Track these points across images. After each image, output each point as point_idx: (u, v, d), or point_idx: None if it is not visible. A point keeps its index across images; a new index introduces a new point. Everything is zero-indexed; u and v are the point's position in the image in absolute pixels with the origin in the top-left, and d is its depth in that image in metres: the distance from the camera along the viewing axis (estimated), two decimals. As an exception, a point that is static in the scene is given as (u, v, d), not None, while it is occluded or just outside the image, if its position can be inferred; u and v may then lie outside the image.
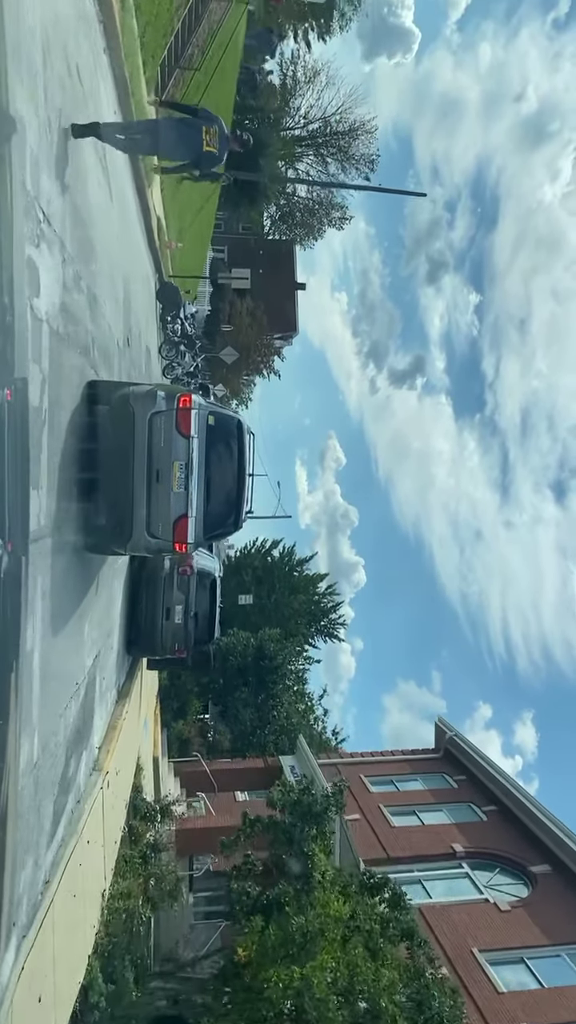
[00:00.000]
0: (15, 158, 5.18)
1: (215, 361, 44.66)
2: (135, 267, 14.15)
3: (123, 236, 12.04)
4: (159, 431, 8.23)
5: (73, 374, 7.42)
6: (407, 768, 26.58)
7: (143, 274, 16.61)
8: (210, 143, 9.37)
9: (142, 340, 15.57)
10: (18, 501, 4.90)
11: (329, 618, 53.86)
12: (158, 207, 19.08)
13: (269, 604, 48.40)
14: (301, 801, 11.91)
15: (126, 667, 13.32)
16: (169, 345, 22.34)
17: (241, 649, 22.00)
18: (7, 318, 4.80)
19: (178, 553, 12.17)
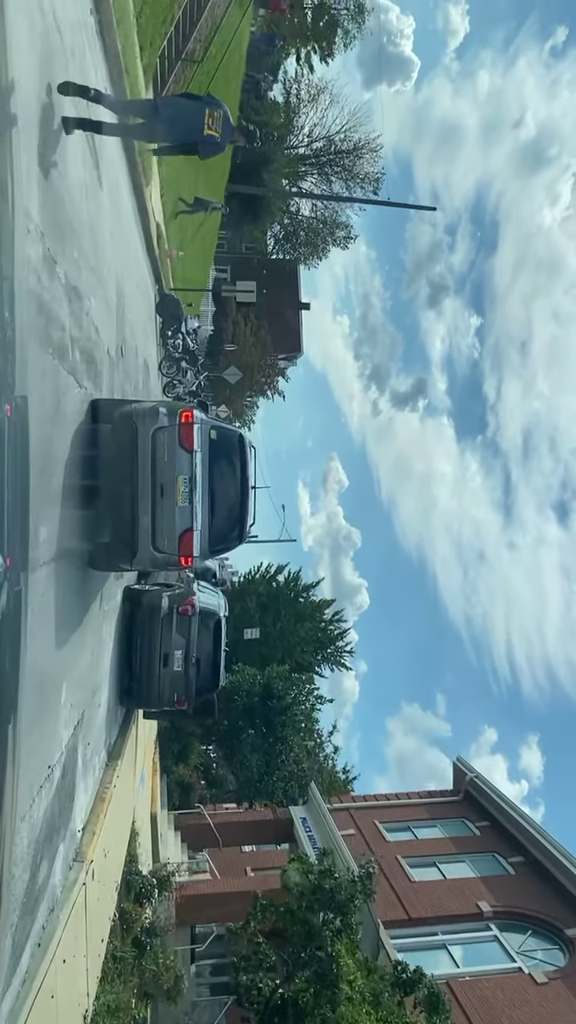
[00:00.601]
0: None
1: (218, 381, 43.39)
2: (130, 270, 12.74)
3: (116, 232, 10.61)
4: (162, 446, 8.20)
5: (44, 380, 5.92)
6: (425, 813, 24.78)
7: (140, 281, 15.21)
8: (212, 126, 8.08)
9: (139, 353, 14.14)
10: (18, 517, 4.84)
11: (336, 646, 52.14)
12: (157, 213, 17.73)
13: (274, 632, 46.73)
14: (322, 887, 10.24)
15: (119, 720, 11.71)
16: (170, 361, 20.92)
17: (247, 688, 20.34)
18: (7, 333, 4.63)
19: (179, 595, 10.84)
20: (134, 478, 8.07)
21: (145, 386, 15.80)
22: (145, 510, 8.11)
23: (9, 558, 4.55)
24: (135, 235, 13.71)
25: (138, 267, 14.59)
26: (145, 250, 16.10)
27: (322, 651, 49.51)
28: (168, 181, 19.62)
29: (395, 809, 25.00)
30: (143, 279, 16.14)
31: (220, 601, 12.87)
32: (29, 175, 5.41)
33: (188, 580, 13.07)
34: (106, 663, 10.14)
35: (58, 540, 6.66)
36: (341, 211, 60.50)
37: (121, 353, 11.25)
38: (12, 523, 4.60)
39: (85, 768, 8.50)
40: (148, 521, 8.14)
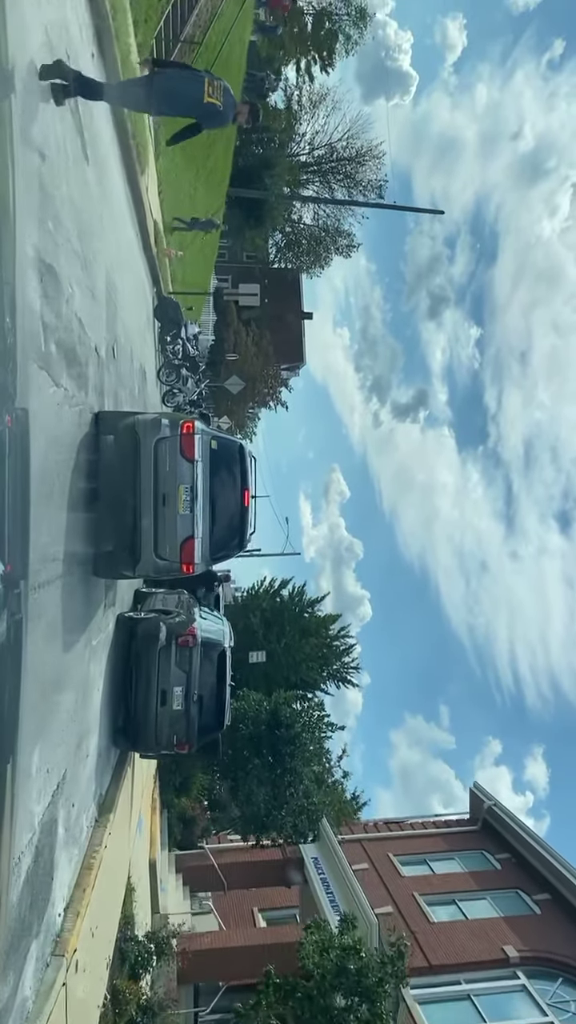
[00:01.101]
0: None
1: (219, 391, 42.29)
2: (123, 263, 11.57)
3: (106, 218, 9.44)
4: (164, 456, 8.36)
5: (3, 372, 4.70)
6: (441, 844, 23.39)
7: (136, 279, 14.04)
8: (213, 95, 7.43)
9: (134, 357, 12.95)
10: (18, 525, 4.83)
11: (342, 662, 50.86)
12: (155, 209, 16.60)
13: (279, 649, 45.45)
14: (346, 968, 8.91)
15: (112, 763, 10.44)
16: (169, 369, 19.75)
17: (253, 715, 19.02)
18: (8, 340, 4.60)
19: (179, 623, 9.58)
20: (137, 487, 8.24)
21: (142, 393, 14.62)
22: (147, 518, 8.27)
23: (10, 564, 4.54)
24: (129, 226, 12.56)
25: (133, 263, 13.44)
26: (141, 246, 14.95)
27: (327, 667, 48.24)
28: (167, 180, 18.53)
29: (410, 840, 23.62)
30: (139, 278, 14.98)
31: (224, 629, 11.61)
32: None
33: (188, 606, 11.83)
34: (95, 704, 8.88)
35: (43, 562, 5.49)
36: (343, 219, 59.75)
37: (113, 354, 10.06)
38: (13, 532, 4.62)
39: (68, 836, 7.24)
40: (150, 529, 8.29)
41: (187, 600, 12.12)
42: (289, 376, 59.90)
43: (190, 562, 8.61)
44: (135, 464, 8.25)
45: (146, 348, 16.07)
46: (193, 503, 8.52)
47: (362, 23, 55.38)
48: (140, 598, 12.97)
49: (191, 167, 20.92)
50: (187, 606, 11.78)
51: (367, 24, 55.49)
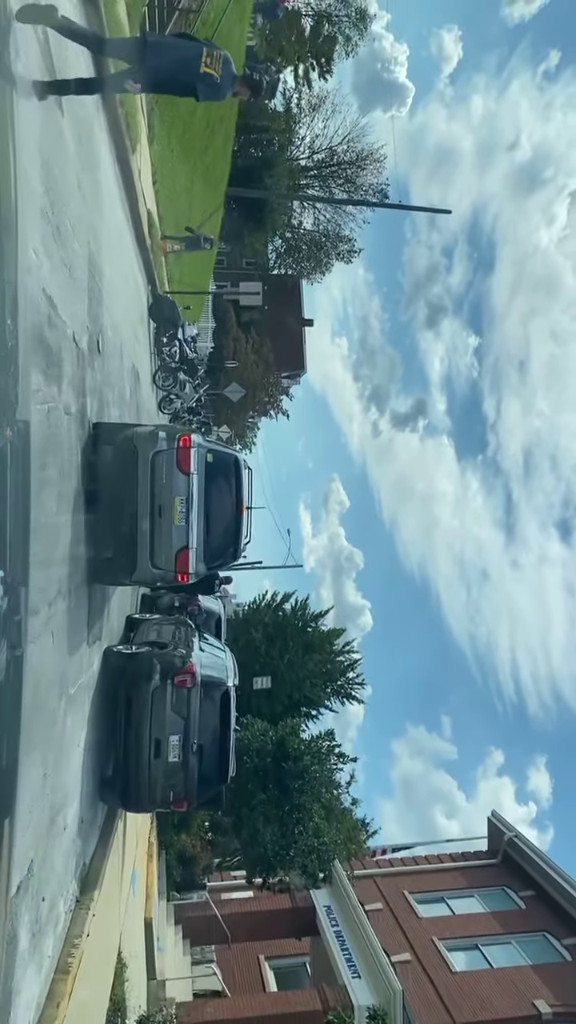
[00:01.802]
0: None
1: (219, 399, 40.97)
2: (111, 245, 10.19)
3: (86, 186, 8.06)
4: (161, 469, 8.55)
5: None
6: (460, 880, 21.87)
7: (127, 267, 12.67)
8: (211, 65, 6.72)
9: (124, 354, 11.56)
10: (19, 535, 4.90)
11: (346, 677, 49.35)
12: (148, 197, 15.25)
13: (281, 665, 43.95)
14: None
15: (98, 824, 8.99)
16: (165, 372, 18.37)
17: (257, 746, 17.53)
18: (8, 343, 4.59)
19: (176, 658, 8.28)
20: (134, 498, 8.42)
21: (135, 396, 13.23)
22: (144, 529, 8.45)
23: (12, 574, 4.59)
24: (118, 207, 11.18)
25: (124, 251, 12.08)
26: (133, 235, 13.59)
27: (331, 683, 46.76)
28: (163, 172, 17.19)
29: (425, 876, 22.10)
30: (131, 270, 13.62)
31: (227, 663, 10.17)
32: None
33: (186, 636, 10.39)
34: (74, 765, 7.44)
35: None
36: (344, 224, 58.60)
37: (98, 348, 8.67)
38: (14, 540, 4.69)
39: (37, 942, 5.79)
40: (147, 539, 8.47)
41: (185, 631, 10.68)
42: (290, 384, 58.61)
43: (184, 572, 8.80)
44: (133, 476, 8.43)
45: (139, 348, 14.70)
46: (188, 515, 8.70)
47: (362, 24, 54.46)
48: (133, 625, 11.55)
49: (188, 159, 19.64)
50: (185, 636, 10.34)
51: (367, 25, 54.57)
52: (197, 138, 20.42)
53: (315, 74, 64.06)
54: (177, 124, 17.51)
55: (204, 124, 20.40)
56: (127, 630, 11.33)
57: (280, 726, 18.44)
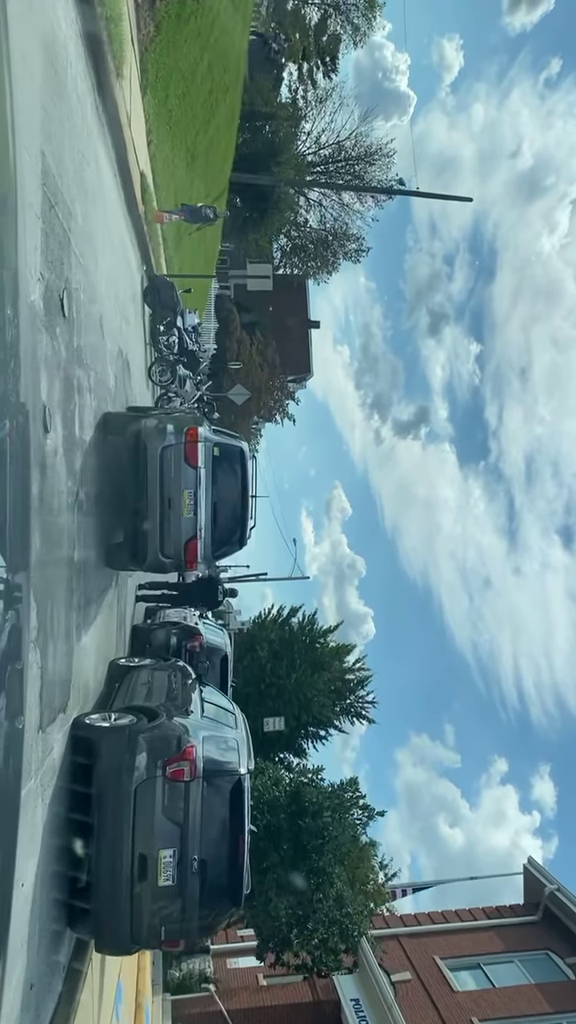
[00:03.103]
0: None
1: (223, 403, 38.60)
2: (89, 188, 7.79)
3: (50, 104, 5.64)
4: (169, 463, 8.78)
5: None
6: (496, 942, 19.31)
7: (113, 225, 10.24)
8: None
9: (105, 330, 9.15)
10: (19, 524, 4.87)
11: (356, 695, 46.81)
12: (140, 151, 12.85)
13: (289, 685, 41.48)
14: None
15: (63, 963, 6.50)
16: (163, 365, 15.96)
17: (269, 799, 15.03)
18: (9, 331, 4.56)
19: (168, 733, 5.82)
20: (143, 491, 8.66)
21: (122, 388, 10.82)
22: (154, 520, 8.71)
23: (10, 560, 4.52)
24: (96, 136, 8.72)
25: (106, 199, 9.66)
26: (120, 186, 11.15)
27: (340, 702, 44.20)
28: (160, 129, 14.78)
29: (457, 937, 19.53)
30: (118, 231, 11.21)
31: (239, 732, 7.62)
32: None
33: (184, 692, 7.92)
34: (18, 913, 4.98)
35: None
36: (351, 221, 56.20)
37: (61, 308, 6.25)
38: (13, 531, 4.67)
39: None
40: (156, 530, 8.74)
41: (183, 684, 8.22)
42: (296, 388, 56.18)
43: (193, 561, 9.08)
44: (143, 470, 8.65)
45: (129, 332, 12.29)
46: (196, 506, 8.93)
47: (371, 13, 52.19)
48: (117, 674, 9.09)
49: (188, 126, 17.30)
50: (182, 694, 7.87)
51: (376, 15, 52.30)
52: (199, 105, 18.10)
53: (320, 73, 62.10)
54: (176, 78, 15.16)
55: (207, 90, 18.14)
56: (109, 683, 8.86)
57: (295, 777, 15.94)
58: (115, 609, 10.01)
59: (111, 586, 9.71)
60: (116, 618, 10.10)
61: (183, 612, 14.05)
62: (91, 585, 8.18)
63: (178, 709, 7.32)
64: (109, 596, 9.53)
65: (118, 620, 10.31)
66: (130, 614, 12.27)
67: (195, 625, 12.68)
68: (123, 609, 10.83)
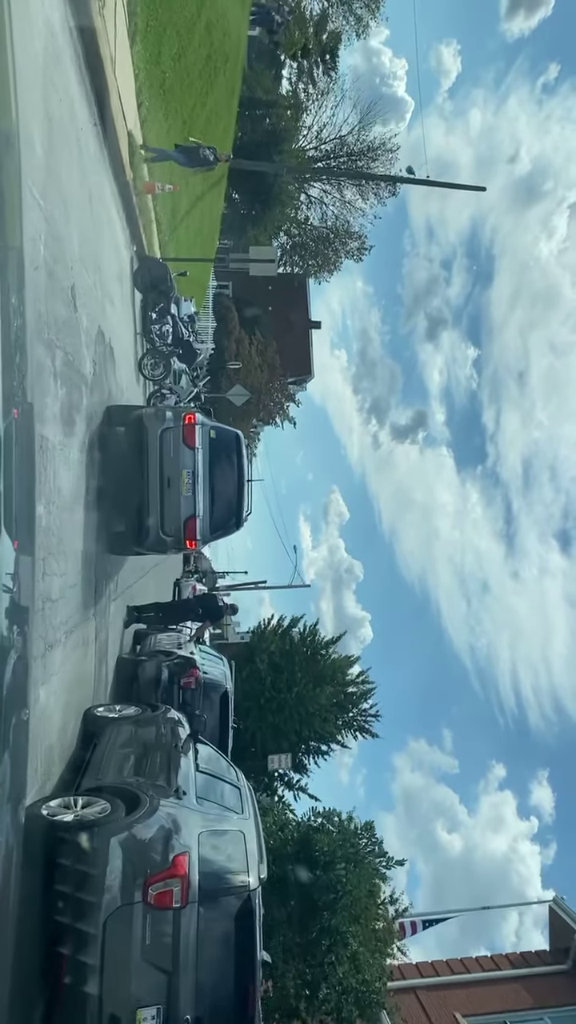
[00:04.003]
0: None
1: (221, 404, 36.86)
2: (57, 123, 6.04)
3: None
4: (169, 444, 9.22)
5: None
6: (523, 995, 17.48)
7: (89, 175, 8.50)
8: None
9: (79, 302, 7.41)
10: (24, 507, 4.92)
11: (359, 708, 44.83)
12: (128, 106, 11.12)
13: (289, 699, 39.54)
14: None
15: None
16: (155, 357, 14.22)
17: (275, 846, 13.25)
18: (16, 321, 4.61)
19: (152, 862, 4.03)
20: (144, 472, 9.05)
21: (104, 378, 9.09)
22: (154, 499, 9.07)
23: (16, 540, 4.56)
24: (74, 80, 7.01)
25: (86, 154, 7.93)
26: (104, 146, 9.42)
27: (342, 715, 42.33)
28: (149, 94, 13.02)
29: (479, 988, 17.72)
30: (103, 198, 9.49)
31: (247, 822, 5.74)
32: None
33: (173, 769, 6.13)
34: None
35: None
36: (354, 219, 54.57)
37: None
38: (20, 513, 4.67)
39: None
40: (157, 509, 9.09)
41: (172, 750, 6.42)
42: (296, 390, 54.46)
43: (192, 538, 9.41)
44: (143, 451, 9.06)
45: (113, 313, 10.54)
46: (195, 486, 9.32)
47: (375, 3, 50.62)
48: (92, 730, 7.30)
49: (184, 94, 15.55)
50: (172, 763, 6.08)
51: (380, 5, 50.67)
52: (197, 73, 16.40)
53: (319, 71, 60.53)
54: (171, 35, 13.43)
55: (205, 55, 16.41)
56: (84, 740, 7.09)
57: (303, 826, 14.13)
58: (93, 646, 8.26)
59: (88, 618, 7.96)
60: (94, 655, 8.34)
61: (177, 637, 12.33)
62: (57, 620, 6.44)
63: (166, 790, 5.55)
64: (85, 632, 7.78)
65: (97, 656, 8.55)
66: (116, 642, 10.53)
67: (191, 655, 10.91)
68: (104, 642, 9.08)
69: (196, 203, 21.43)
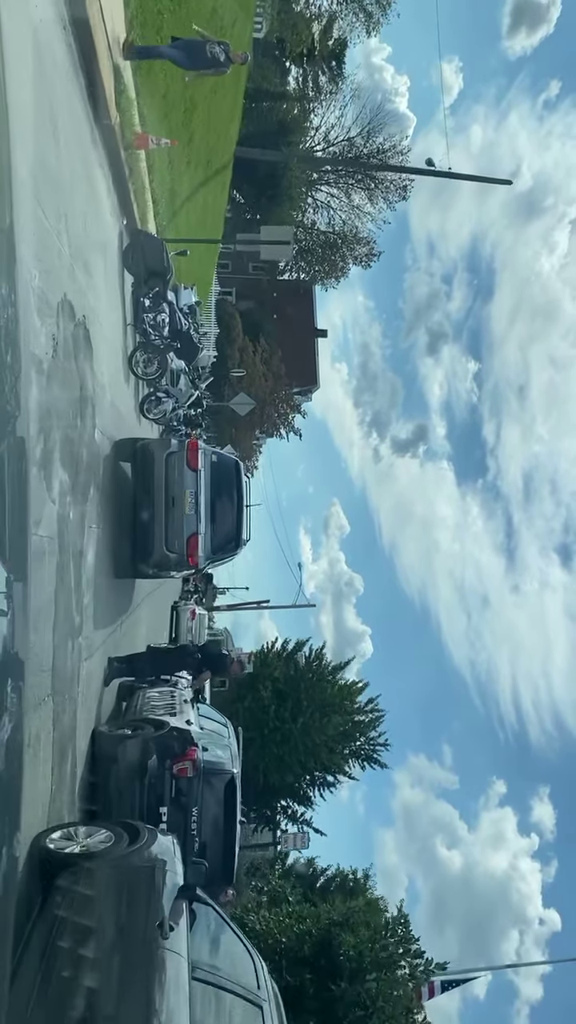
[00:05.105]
0: None
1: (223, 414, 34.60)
2: None
3: None
4: (173, 467, 9.83)
5: None
6: None
7: (58, 102, 6.16)
8: None
9: (21, 250, 5.04)
10: (17, 531, 4.80)
11: (367, 737, 42.38)
12: (115, 43, 8.79)
13: (295, 730, 37.17)
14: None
15: None
16: (148, 352, 11.88)
17: (290, 949, 10.76)
18: None
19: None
20: (151, 492, 9.69)
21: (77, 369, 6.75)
22: (159, 518, 9.66)
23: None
24: None
25: (49, 66, 5.63)
26: (79, 66, 7.13)
27: (349, 744, 39.78)
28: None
29: None
30: (79, 137, 7.19)
31: None
32: None
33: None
34: None
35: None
36: (363, 223, 52.52)
37: None
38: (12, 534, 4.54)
39: None
40: (162, 527, 9.66)
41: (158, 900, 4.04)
42: (301, 401, 52.24)
43: (195, 555, 9.85)
44: (150, 474, 9.70)
45: (91, 287, 8.20)
46: (197, 506, 9.79)
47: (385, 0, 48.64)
48: (45, 873, 4.89)
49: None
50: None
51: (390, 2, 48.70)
52: (202, 24, 14.10)
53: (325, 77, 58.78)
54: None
55: (210, 7, 14.21)
56: (25, 903, 4.67)
57: (322, 913, 11.63)
58: (50, 739, 5.85)
59: (40, 703, 5.57)
60: (52, 753, 5.94)
61: (172, 694, 9.94)
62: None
63: None
64: (38, 720, 5.39)
65: (57, 751, 6.14)
66: (92, 708, 8.13)
67: (187, 725, 8.48)
68: (70, 724, 6.67)
69: (199, 161, 18.70)
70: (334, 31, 55.74)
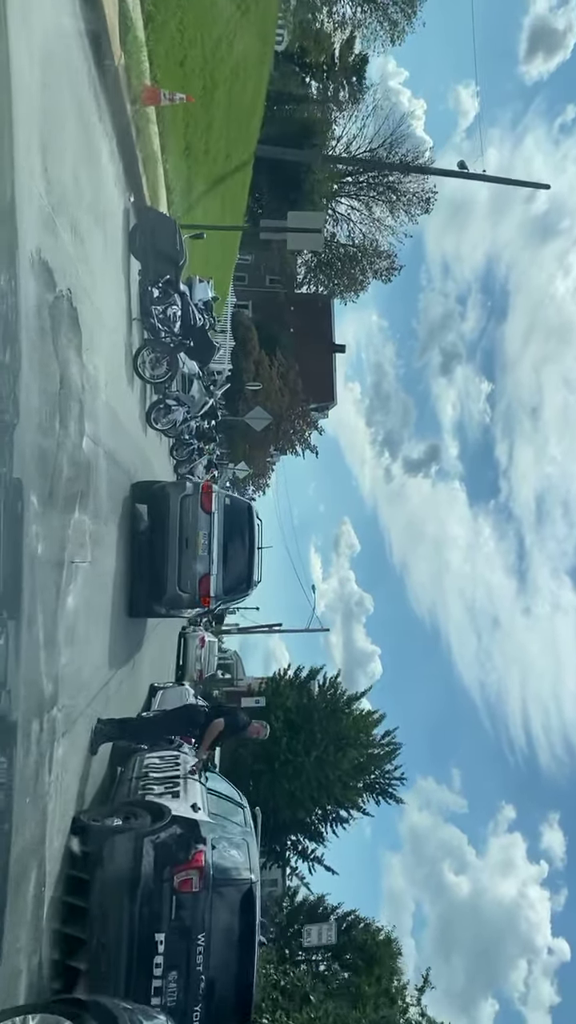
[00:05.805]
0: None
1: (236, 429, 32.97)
2: None
3: None
4: (188, 509, 10.10)
5: None
6: None
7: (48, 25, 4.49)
8: None
9: None
10: (10, 573, 4.80)
11: (383, 770, 40.18)
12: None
13: (308, 763, 35.00)
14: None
15: None
16: (157, 350, 10.16)
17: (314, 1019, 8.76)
18: None
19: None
20: (165, 534, 9.90)
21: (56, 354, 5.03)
22: (173, 559, 9.85)
23: None
24: None
25: None
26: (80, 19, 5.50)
27: (364, 777, 37.63)
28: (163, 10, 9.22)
29: None
30: (73, 74, 5.51)
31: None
32: None
33: None
34: None
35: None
36: (383, 236, 51.02)
37: None
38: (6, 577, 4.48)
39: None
40: (175, 567, 9.87)
41: None
42: (318, 417, 50.56)
43: (207, 595, 10.04)
44: (166, 516, 9.91)
45: (84, 255, 6.51)
46: (210, 546, 10.04)
47: (410, 8, 47.41)
48: None
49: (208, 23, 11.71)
50: None
51: (415, 10, 47.45)
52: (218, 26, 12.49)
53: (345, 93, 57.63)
54: None
55: None
56: None
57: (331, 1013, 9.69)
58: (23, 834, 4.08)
59: None
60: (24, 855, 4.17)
61: (175, 762, 8.15)
62: None
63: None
64: None
65: (15, 878, 4.36)
66: (73, 789, 6.36)
67: (194, 810, 6.67)
68: (36, 833, 4.90)
69: (218, 153, 17.01)
70: (356, 44, 54.68)
